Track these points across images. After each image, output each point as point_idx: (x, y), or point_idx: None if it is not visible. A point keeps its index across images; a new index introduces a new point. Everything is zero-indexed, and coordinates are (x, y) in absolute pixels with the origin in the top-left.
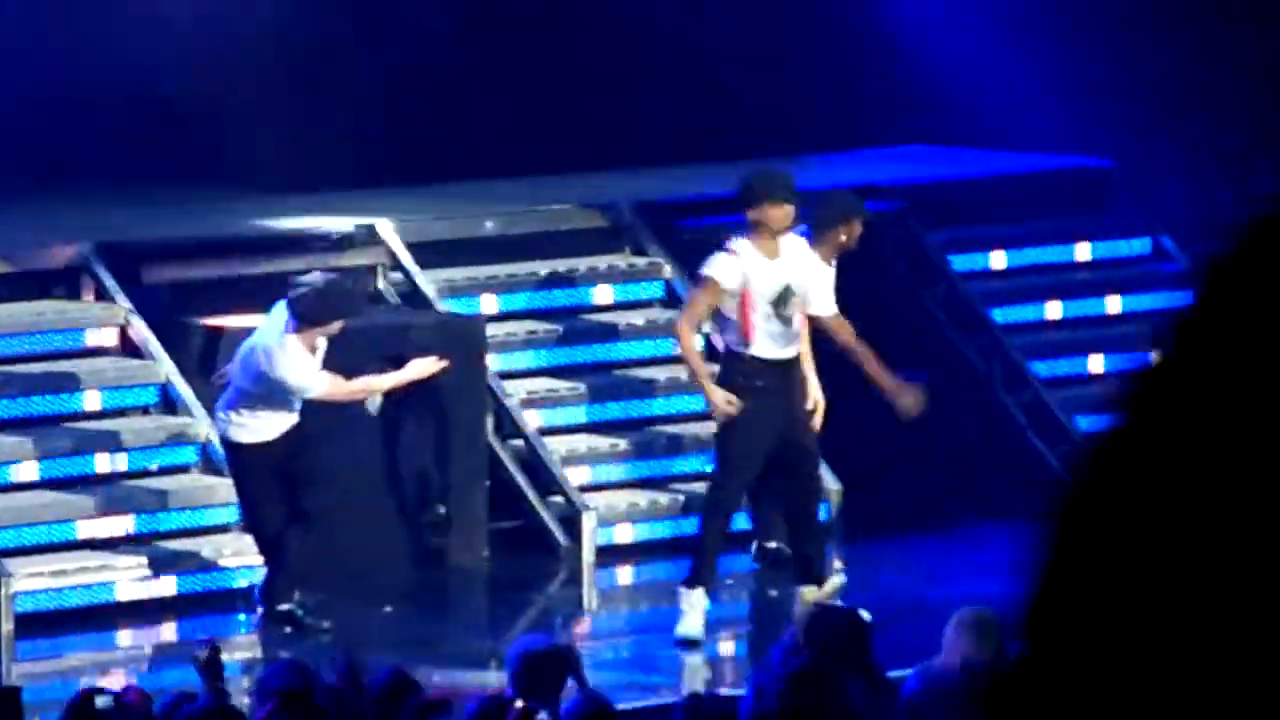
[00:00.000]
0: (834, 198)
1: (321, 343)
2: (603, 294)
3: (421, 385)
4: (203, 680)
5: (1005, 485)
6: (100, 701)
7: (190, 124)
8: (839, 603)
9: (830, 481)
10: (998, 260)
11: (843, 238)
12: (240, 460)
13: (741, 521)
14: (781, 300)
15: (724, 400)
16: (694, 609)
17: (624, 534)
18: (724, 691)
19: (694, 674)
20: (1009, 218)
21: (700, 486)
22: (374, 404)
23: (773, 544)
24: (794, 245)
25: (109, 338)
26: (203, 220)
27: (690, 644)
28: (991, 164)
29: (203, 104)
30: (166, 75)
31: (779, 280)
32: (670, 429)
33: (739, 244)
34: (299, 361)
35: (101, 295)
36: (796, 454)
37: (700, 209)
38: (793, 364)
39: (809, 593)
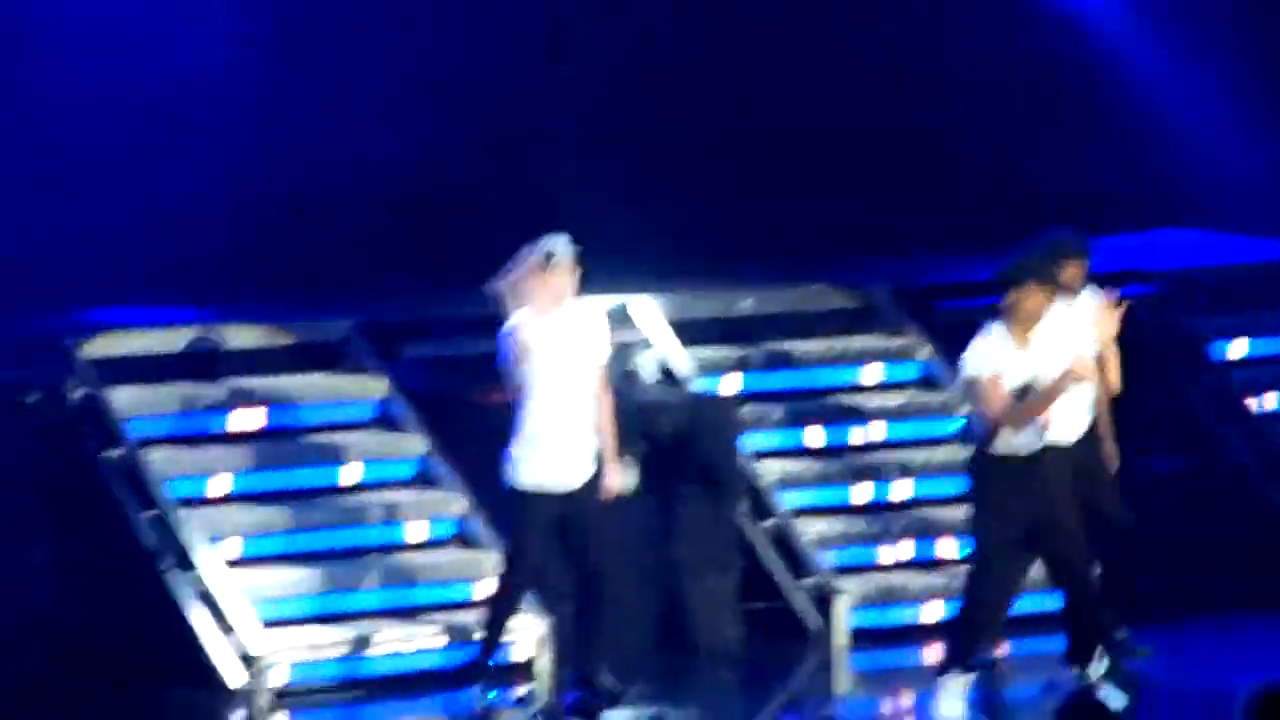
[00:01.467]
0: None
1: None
2: (860, 374)
3: (675, 462)
4: None
5: (1266, 576)
6: None
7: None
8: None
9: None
10: (1258, 348)
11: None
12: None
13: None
14: (1024, 395)
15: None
16: (949, 694)
17: (875, 618)
18: None
19: None
20: (1273, 304)
21: (952, 573)
22: (629, 482)
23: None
24: (1050, 334)
25: (369, 411)
26: (461, 300)
27: None
28: (1259, 251)
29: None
30: (413, 170)
31: (1026, 372)
32: (925, 512)
33: (994, 329)
34: None
35: (362, 369)
36: (1053, 538)
37: (957, 292)
38: (1038, 457)
39: (1086, 671)
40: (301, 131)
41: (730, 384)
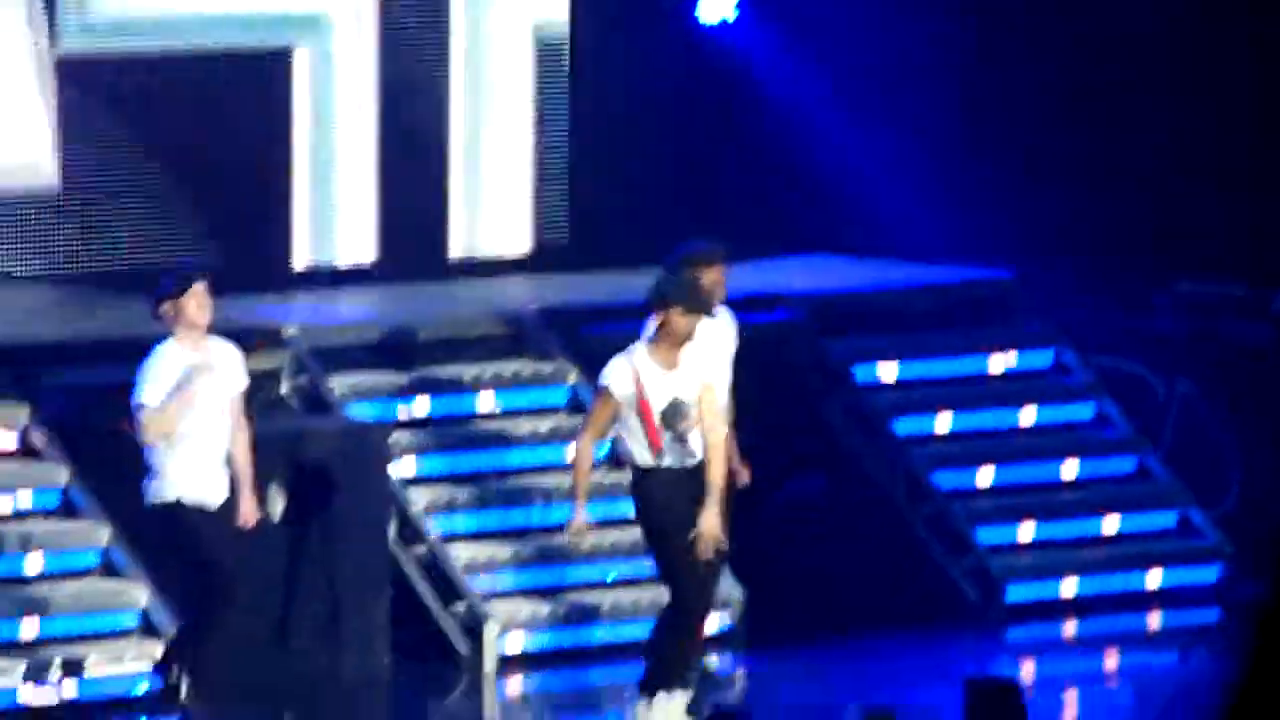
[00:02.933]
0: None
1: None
2: (505, 400)
3: (323, 491)
4: None
5: (905, 596)
6: None
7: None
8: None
9: (734, 589)
10: (900, 371)
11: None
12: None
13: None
14: (671, 414)
15: (576, 529)
16: (658, 713)
17: (522, 643)
18: None
19: None
20: (912, 328)
21: (599, 595)
22: (276, 508)
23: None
24: (696, 352)
25: (9, 441)
26: (106, 324)
27: None
28: (895, 274)
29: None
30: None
31: (673, 392)
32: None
33: (638, 349)
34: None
35: (2, 397)
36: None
37: (606, 315)
38: (695, 473)
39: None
40: None
41: (380, 410)
